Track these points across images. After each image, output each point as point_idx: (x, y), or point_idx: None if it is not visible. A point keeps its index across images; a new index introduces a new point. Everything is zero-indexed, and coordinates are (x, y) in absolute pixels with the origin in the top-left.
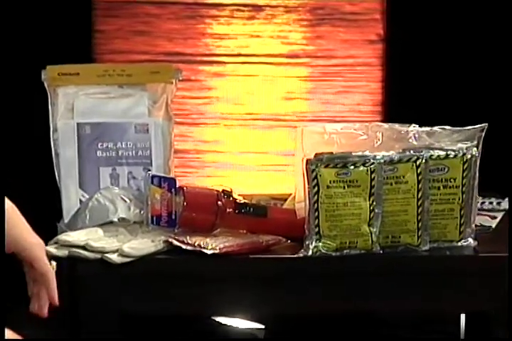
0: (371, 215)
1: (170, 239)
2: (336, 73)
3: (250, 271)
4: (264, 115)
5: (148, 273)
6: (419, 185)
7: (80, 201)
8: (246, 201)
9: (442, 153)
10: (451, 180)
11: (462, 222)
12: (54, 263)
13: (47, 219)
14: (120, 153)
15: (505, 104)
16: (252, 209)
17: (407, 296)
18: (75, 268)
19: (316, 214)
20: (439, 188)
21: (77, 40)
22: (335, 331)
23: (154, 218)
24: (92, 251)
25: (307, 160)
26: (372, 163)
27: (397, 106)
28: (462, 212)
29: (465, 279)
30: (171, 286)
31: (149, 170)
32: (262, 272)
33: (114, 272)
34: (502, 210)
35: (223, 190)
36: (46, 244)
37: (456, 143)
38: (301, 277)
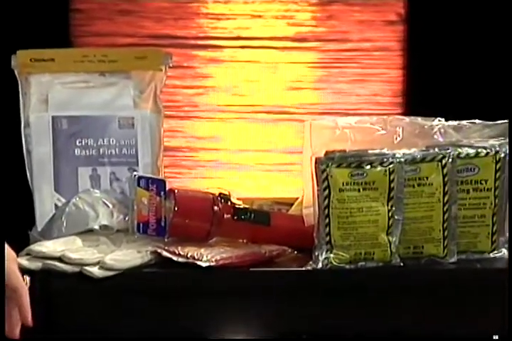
0: (390, 222)
1: (159, 250)
2: (350, 59)
3: (251, 286)
4: (267, 107)
5: (133, 288)
6: (446, 188)
7: (56, 206)
8: (246, 206)
9: (472, 151)
10: (482, 181)
11: (495, 230)
12: (27, 277)
13: (17, 227)
14: (102, 151)
15: None
16: (253, 215)
17: (432, 316)
18: (50, 283)
19: (327, 221)
20: (468, 191)
21: (53, 21)
22: None
23: (141, 225)
24: (70, 264)
25: (316, 159)
26: (392, 163)
27: (420, 96)
28: (495, 219)
29: (499, 296)
30: (160, 304)
31: (135, 171)
32: (264, 287)
33: (94, 287)
34: None
35: (220, 194)
36: (17, 256)
37: (487, 139)
38: (310, 293)
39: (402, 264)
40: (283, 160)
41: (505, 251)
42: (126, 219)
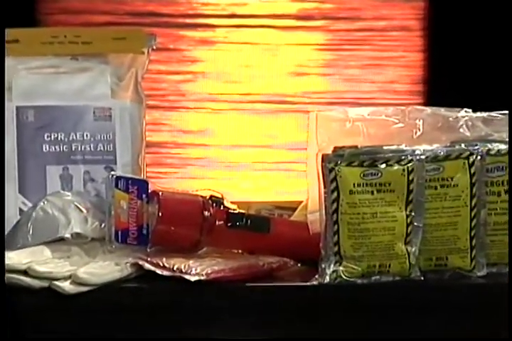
0: (408, 230)
1: (140, 262)
2: (363, 40)
3: (247, 303)
4: (266, 96)
5: (111, 306)
6: (473, 190)
7: (20, 210)
8: (242, 211)
9: (503, 147)
10: None
11: None
12: None
13: None
14: (74, 147)
15: None
16: (249, 221)
17: (457, 337)
18: (14, 301)
19: (336, 228)
20: (499, 194)
21: None
22: None
23: (119, 233)
24: (37, 278)
25: (323, 157)
26: (411, 161)
27: (444, 84)
28: None
29: None
30: (142, 324)
31: (113, 170)
32: (263, 305)
33: (66, 305)
34: None
35: (211, 197)
36: None
37: None
38: (315, 312)
39: (422, 278)
40: (284, 157)
41: None
42: (103, 226)
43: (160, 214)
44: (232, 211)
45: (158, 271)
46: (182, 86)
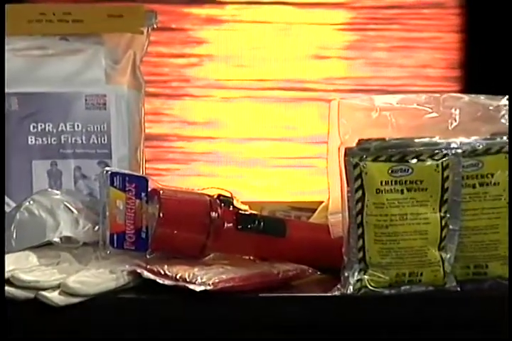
0: (443, 234)
1: (138, 270)
2: (391, 19)
3: (260, 317)
4: (282, 82)
5: (105, 320)
6: None
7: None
8: (254, 212)
9: None
10: None
11: None
12: None
13: None
14: (63, 140)
15: None
16: (262, 224)
17: None
18: None
19: (360, 231)
20: None
21: None
22: None
23: (115, 237)
24: (21, 288)
25: (346, 151)
26: (445, 155)
27: (482, 68)
28: None
29: None
30: (139, 340)
31: (107, 165)
32: (277, 318)
33: (54, 319)
34: None
35: (219, 196)
36: None
37: None
38: (337, 326)
39: (459, 289)
40: (303, 152)
41: None
42: (96, 228)
43: (161, 215)
44: (242, 212)
45: (159, 280)
46: (186, 71)
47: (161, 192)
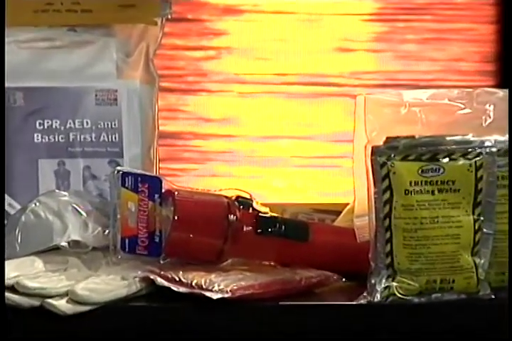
0: (476, 238)
1: (152, 276)
2: (422, 9)
3: (280, 326)
4: (305, 77)
5: (116, 330)
6: None
7: (7, 213)
8: (275, 215)
9: None
10: None
11: None
12: None
13: None
14: (71, 137)
15: None
16: (284, 227)
17: None
18: None
19: (388, 235)
20: None
21: None
22: None
23: (127, 241)
24: (27, 295)
25: (373, 149)
26: (479, 154)
27: None
28: None
29: None
30: None
31: (118, 165)
32: (299, 328)
33: (61, 328)
34: None
35: (238, 197)
36: None
37: None
38: (364, 336)
39: (493, 296)
40: (327, 151)
41: None
42: (106, 232)
43: (175, 218)
44: (262, 215)
45: (174, 287)
46: (203, 64)
47: (176, 193)
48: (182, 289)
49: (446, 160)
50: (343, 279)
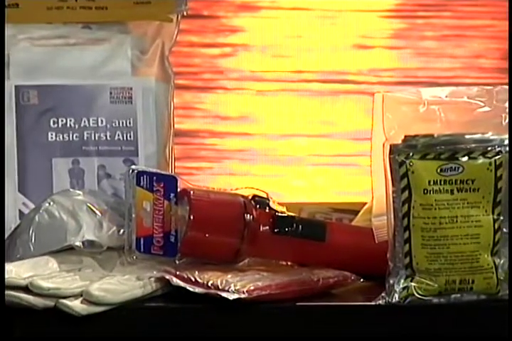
0: (496, 237)
1: (167, 276)
2: (442, 5)
3: (298, 327)
4: (323, 74)
5: (131, 331)
6: None
7: (20, 213)
8: (292, 214)
9: None
10: None
11: None
12: None
13: None
14: (86, 136)
15: None
16: (301, 227)
17: None
18: (12, 323)
19: (407, 235)
20: None
21: None
22: None
23: (142, 241)
24: (41, 295)
25: (391, 147)
26: (499, 153)
27: None
28: None
29: None
30: None
31: (133, 164)
32: (317, 329)
33: (75, 329)
34: None
35: (254, 196)
36: None
37: None
38: (382, 337)
39: None
40: (346, 149)
41: None
42: (121, 232)
43: (191, 217)
44: (279, 214)
45: (189, 288)
46: (219, 61)
47: (192, 192)
48: (198, 289)
49: (466, 158)
50: (361, 279)
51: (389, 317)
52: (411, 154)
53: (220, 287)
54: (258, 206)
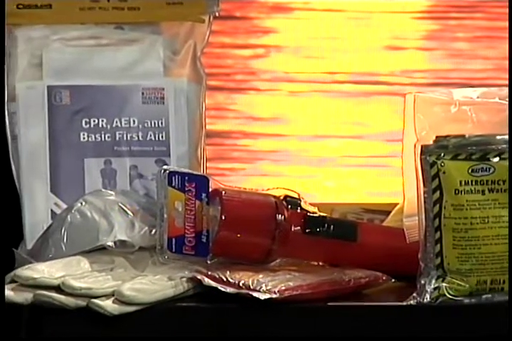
0: None
1: (199, 276)
2: (474, 7)
3: (329, 327)
4: (356, 75)
5: (162, 330)
6: None
7: (53, 213)
8: (323, 214)
9: None
10: None
11: None
12: None
13: None
14: (118, 136)
15: None
16: (332, 227)
17: None
18: (44, 323)
19: (438, 235)
20: None
21: None
22: None
23: (174, 241)
24: (73, 295)
25: (423, 148)
26: None
27: None
28: None
29: None
30: None
31: (165, 164)
32: (348, 330)
33: (107, 329)
34: None
35: (286, 197)
36: None
37: None
38: (414, 338)
39: None
40: (378, 150)
41: None
42: (153, 232)
43: (223, 217)
44: (311, 214)
45: (221, 288)
46: (251, 63)
47: (223, 192)
48: (229, 289)
49: (497, 159)
50: (393, 280)
51: (420, 317)
52: (442, 155)
53: (252, 287)
54: (290, 206)
